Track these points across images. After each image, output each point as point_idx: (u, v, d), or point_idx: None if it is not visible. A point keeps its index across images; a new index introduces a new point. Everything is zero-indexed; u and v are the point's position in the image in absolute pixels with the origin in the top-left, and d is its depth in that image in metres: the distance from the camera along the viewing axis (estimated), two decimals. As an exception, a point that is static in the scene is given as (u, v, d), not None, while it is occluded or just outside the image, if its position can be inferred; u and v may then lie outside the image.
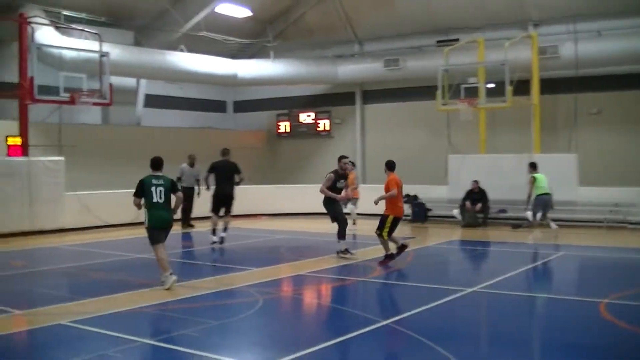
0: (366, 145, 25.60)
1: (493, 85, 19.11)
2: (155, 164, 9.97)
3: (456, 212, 18.86)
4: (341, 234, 12.51)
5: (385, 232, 11.82)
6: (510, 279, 10.57)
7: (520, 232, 16.74)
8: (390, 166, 12.17)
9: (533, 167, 16.47)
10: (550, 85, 20.34)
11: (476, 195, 18.58)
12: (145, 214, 9.81)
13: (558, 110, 21.17)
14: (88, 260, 11.57)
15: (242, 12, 23.62)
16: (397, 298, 9.77)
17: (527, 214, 16.66)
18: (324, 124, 26.47)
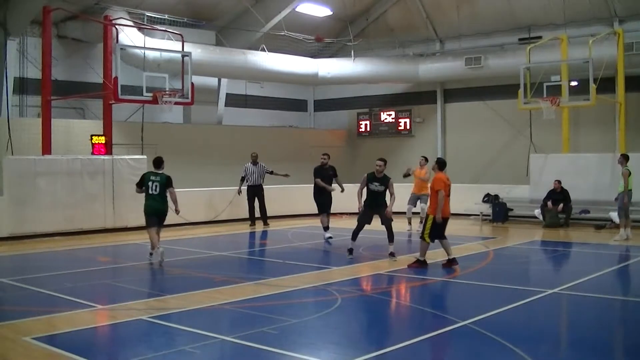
0: (447, 144, 25.49)
1: (576, 83, 18.82)
2: (156, 163, 12.15)
3: (537, 212, 18.62)
4: (391, 238, 12.58)
5: (427, 234, 11.46)
6: (592, 281, 10.42)
7: (604, 233, 16.45)
8: (441, 165, 11.87)
9: (626, 159, 15.43)
10: (636, 83, 19.85)
11: (558, 195, 18.29)
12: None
13: (644, 108, 20.61)
14: (168, 258, 11.94)
15: (323, 11, 24.01)
16: (477, 298, 9.62)
17: (611, 215, 16.33)
18: (405, 123, 26.55)
